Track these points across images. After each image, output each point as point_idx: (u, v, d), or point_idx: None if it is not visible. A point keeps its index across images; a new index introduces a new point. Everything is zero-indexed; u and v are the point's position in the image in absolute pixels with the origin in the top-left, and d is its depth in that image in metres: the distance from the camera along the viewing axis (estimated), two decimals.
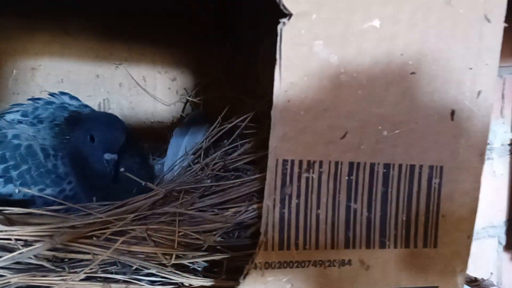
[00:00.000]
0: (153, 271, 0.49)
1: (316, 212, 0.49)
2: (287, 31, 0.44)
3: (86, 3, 0.90)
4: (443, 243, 0.52)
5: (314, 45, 0.45)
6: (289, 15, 0.44)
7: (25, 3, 0.86)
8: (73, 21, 0.91)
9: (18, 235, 0.49)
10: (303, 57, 0.45)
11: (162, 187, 0.63)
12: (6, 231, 0.50)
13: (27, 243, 0.50)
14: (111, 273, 0.49)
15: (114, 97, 0.96)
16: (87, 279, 0.48)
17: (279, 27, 0.44)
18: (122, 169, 0.69)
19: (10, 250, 0.49)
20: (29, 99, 0.77)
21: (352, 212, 0.50)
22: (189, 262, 0.51)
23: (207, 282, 0.49)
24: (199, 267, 0.53)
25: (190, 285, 0.49)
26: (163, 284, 0.50)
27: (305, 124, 0.47)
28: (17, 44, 0.88)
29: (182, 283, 0.50)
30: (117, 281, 0.48)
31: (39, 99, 0.78)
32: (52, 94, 0.79)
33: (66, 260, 0.50)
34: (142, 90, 0.98)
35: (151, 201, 0.60)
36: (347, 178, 0.49)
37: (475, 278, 0.71)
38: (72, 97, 0.80)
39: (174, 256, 0.50)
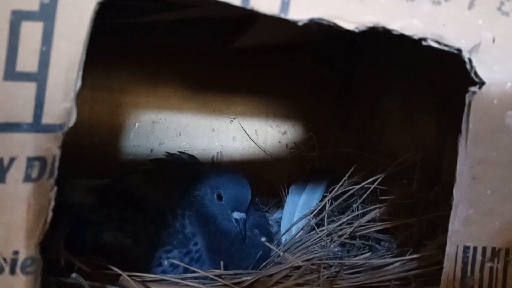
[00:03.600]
0: None
1: None
2: (477, 101, 0.39)
3: (206, 59, 0.91)
4: None
5: (506, 116, 0.40)
6: (480, 83, 0.39)
7: (148, 58, 0.90)
8: (193, 75, 0.92)
9: None
10: (494, 130, 0.40)
11: (297, 257, 0.59)
12: None
13: None
14: None
15: (227, 150, 0.95)
16: None
17: (467, 96, 0.39)
18: (263, 239, 0.66)
19: None
20: (150, 160, 0.78)
21: None
22: None
23: None
24: None
25: None
26: None
27: (491, 206, 0.41)
28: (140, 98, 0.90)
29: None
30: None
31: (159, 159, 0.78)
32: (170, 154, 0.79)
33: None
34: (253, 143, 0.97)
35: (287, 272, 0.56)
36: None
37: None
38: (191, 156, 0.80)
39: None
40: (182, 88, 0.92)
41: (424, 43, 0.37)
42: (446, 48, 0.38)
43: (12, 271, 0.32)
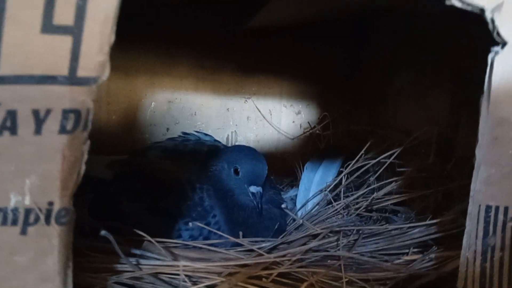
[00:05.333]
0: None
1: None
2: (499, 60, 0.39)
3: (221, 40, 0.92)
4: None
5: None
6: (502, 43, 0.39)
7: (164, 40, 0.91)
8: (208, 56, 0.93)
9: (187, 271, 0.47)
10: None
11: (318, 227, 0.59)
12: (173, 265, 0.48)
13: (191, 279, 0.49)
14: None
15: (241, 130, 0.96)
16: None
17: (489, 56, 0.40)
18: (284, 205, 0.67)
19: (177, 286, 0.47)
20: (167, 139, 0.79)
21: None
22: None
23: None
24: None
25: None
26: None
27: None
28: (156, 78, 0.91)
29: None
30: None
31: (177, 137, 0.79)
32: (187, 133, 0.80)
33: None
34: (267, 123, 0.97)
35: (306, 240, 0.57)
36: None
37: None
38: (206, 135, 0.81)
39: None
40: (197, 68, 0.93)
41: (447, 2, 0.38)
42: (469, 8, 0.38)
43: (47, 221, 0.33)
